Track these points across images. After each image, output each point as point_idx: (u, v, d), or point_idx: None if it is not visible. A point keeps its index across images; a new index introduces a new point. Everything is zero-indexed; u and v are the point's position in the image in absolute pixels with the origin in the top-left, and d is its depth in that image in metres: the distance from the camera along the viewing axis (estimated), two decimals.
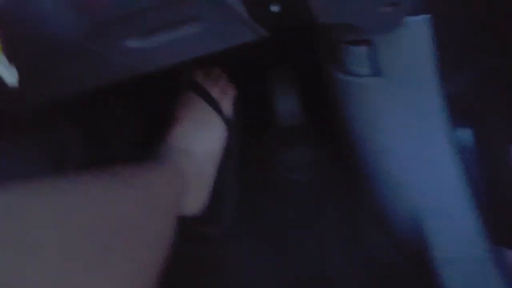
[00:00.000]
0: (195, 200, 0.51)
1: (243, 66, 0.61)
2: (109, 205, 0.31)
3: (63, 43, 0.29)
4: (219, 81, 0.58)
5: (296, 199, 0.60)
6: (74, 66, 0.34)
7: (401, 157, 0.50)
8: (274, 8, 0.31)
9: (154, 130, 0.59)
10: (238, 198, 0.56)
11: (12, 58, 0.25)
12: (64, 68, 0.33)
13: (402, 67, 0.44)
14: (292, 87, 0.58)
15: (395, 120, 0.48)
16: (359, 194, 0.59)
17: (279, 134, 0.61)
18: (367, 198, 0.57)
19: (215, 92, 0.56)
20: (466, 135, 0.51)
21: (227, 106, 0.56)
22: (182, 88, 0.57)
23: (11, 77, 0.23)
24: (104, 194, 0.32)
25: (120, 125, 0.61)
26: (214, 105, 0.54)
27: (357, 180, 0.57)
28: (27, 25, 0.26)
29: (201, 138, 0.52)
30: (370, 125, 0.49)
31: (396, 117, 0.48)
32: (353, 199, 0.60)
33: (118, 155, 0.60)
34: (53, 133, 0.60)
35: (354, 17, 0.35)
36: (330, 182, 0.61)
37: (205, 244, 0.59)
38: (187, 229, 0.46)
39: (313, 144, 0.61)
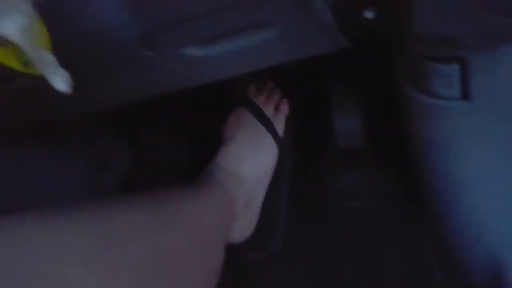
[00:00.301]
0: (244, 227, 0.48)
1: (299, 79, 0.56)
2: (155, 236, 0.28)
3: (116, 46, 0.25)
4: (272, 96, 0.54)
5: (351, 228, 0.54)
6: (126, 73, 0.30)
7: (487, 196, 0.43)
8: (368, 14, 0.26)
9: (202, 147, 0.55)
10: (286, 223, 0.52)
11: (64, 62, 0.21)
12: (115, 75, 0.29)
13: (502, 91, 0.37)
14: (355, 106, 0.53)
15: (485, 152, 0.41)
16: (426, 229, 0.51)
17: (336, 156, 0.56)
18: (436, 234, 0.50)
19: (268, 109, 0.52)
20: None
21: (280, 124, 0.52)
22: (232, 103, 0.54)
23: (62, 83, 0.19)
24: (150, 224, 0.29)
25: (167, 140, 0.59)
26: (267, 124, 0.51)
27: (425, 213, 0.51)
28: (78, 24, 0.22)
29: (253, 161, 0.48)
30: (452, 155, 0.43)
31: (486, 149, 0.41)
32: (417, 233, 0.53)
33: (163, 171, 0.57)
34: (96, 144, 0.59)
35: (459, 28, 0.29)
36: (392, 212, 0.54)
37: (247, 270, 0.54)
38: (231, 254, 0.42)
39: (374, 169, 0.55)
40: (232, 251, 0.48)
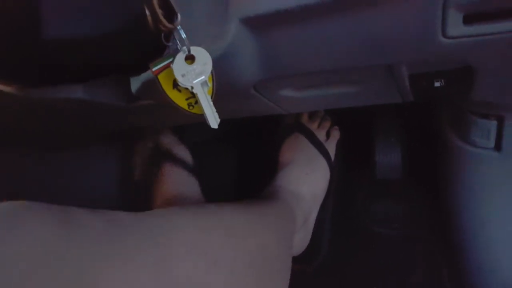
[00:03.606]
0: (300, 242, 0.52)
1: (345, 110, 0.61)
2: (251, 232, 0.34)
3: (238, 90, 0.32)
4: (324, 123, 0.59)
5: (380, 252, 0.59)
6: (230, 102, 0.36)
7: (506, 236, 0.49)
8: (437, 84, 0.32)
9: (250, 164, 0.60)
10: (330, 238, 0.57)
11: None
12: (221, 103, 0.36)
13: None
14: (396, 140, 0.58)
15: (509, 198, 0.47)
16: (448, 259, 0.57)
17: (373, 184, 0.61)
18: (456, 265, 0.55)
19: (320, 135, 0.57)
20: None
21: (331, 149, 0.57)
22: (287, 129, 0.58)
23: (215, 122, 0.26)
24: (245, 223, 0.34)
25: (218, 150, 0.64)
26: (321, 148, 0.55)
27: (448, 244, 0.56)
28: (223, 77, 0.28)
29: (310, 182, 0.53)
30: (480, 197, 0.49)
31: (511, 195, 0.47)
32: (439, 263, 0.58)
33: (209, 178, 0.62)
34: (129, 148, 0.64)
35: (508, 99, 0.35)
36: (420, 241, 0.59)
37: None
38: None
39: (407, 199, 0.60)
40: None
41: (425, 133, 0.55)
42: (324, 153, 0.55)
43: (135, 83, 0.31)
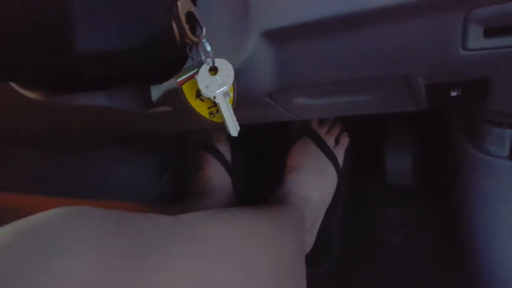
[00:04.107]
0: (307, 244, 0.53)
1: (356, 115, 0.62)
2: (278, 241, 0.34)
3: (254, 98, 0.32)
4: (333, 129, 0.59)
5: (390, 259, 0.59)
6: (245, 108, 0.37)
7: None
8: (454, 93, 0.32)
9: (266, 172, 0.61)
10: (339, 243, 0.57)
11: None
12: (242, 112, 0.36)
13: None
14: (407, 146, 0.58)
15: None
16: (459, 266, 0.57)
17: (383, 190, 0.61)
18: (467, 273, 0.55)
19: (330, 141, 0.57)
20: None
21: (340, 155, 0.57)
22: (296, 133, 0.58)
23: (235, 130, 0.26)
24: (274, 231, 0.35)
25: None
26: (329, 154, 0.55)
27: (460, 252, 0.56)
28: (240, 87, 0.29)
29: (318, 187, 0.53)
30: (492, 206, 0.48)
31: None
32: (451, 270, 0.58)
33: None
34: (159, 153, 0.66)
35: None
36: (430, 247, 0.59)
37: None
38: None
39: (418, 206, 0.60)
40: None
41: (436, 140, 0.55)
42: (333, 159, 0.55)
43: (156, 92, 0.32)
